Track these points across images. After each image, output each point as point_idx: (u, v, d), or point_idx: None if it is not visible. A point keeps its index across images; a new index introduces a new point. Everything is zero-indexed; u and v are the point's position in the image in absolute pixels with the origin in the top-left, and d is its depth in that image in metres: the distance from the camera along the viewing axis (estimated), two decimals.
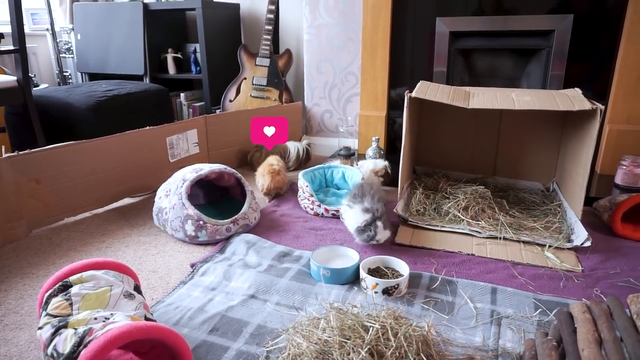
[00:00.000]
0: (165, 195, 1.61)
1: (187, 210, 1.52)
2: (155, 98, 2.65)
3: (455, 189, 1.80)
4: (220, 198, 1.87)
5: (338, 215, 1.72)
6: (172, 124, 2.04)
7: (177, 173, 1.66)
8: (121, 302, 0.94)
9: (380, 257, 1.30)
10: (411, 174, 2.03)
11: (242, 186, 1.70)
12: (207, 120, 2.20)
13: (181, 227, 1.52)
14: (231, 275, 1.29)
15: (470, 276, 1.30)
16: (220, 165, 1.67)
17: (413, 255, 1.42)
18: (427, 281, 1.26)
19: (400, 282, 1.19)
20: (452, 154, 2.05)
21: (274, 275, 1.28)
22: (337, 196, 1.93)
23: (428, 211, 1.68)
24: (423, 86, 1.75)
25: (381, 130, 2.45)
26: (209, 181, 1.74)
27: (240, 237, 1.52)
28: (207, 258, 1.40)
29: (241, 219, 1.57)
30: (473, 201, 1.67)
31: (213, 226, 1.51)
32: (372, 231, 1.35)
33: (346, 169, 1.96)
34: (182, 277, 1.33)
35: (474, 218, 1.60)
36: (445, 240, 1.51)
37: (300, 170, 1.90)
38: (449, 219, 1.61)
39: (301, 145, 2.33)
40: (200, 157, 2.16)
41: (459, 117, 1.99)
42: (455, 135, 2.04)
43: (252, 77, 2.86)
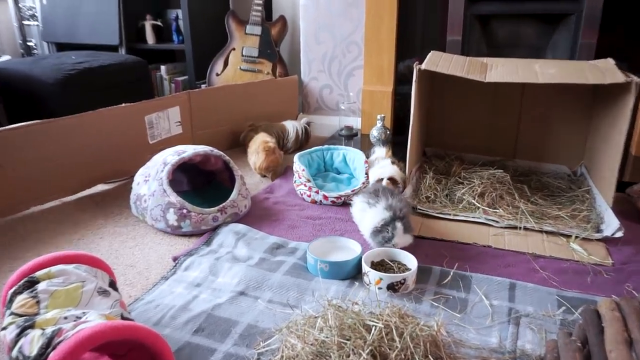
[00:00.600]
0: (144, 180, 1.60)
1: (169, 198, 1.52)
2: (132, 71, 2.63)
3: (470, 173, 1.80)
4: (206, 184, 1.87)
5: (338, 203, 1.72)
6: (152, 100, 2.03)
7: (157, 156, 1.66)
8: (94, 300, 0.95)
9: (385, 249, 1.30)
10: (421, 156, 2.02)
11: (230, 170, 1.70)
12: (191, 96, 2.19)
13: (162, 217, 1.52)
14: (218, 270, 1.29)
15: (486, 270, 1.30)
16: (205, 147, 1.67)
17: (422, 247, 1.42)
18: (437, 276, 1.27)
19: (407, 277, 1.19)
20: (467, 134, 2.04)
21: (266, 270, 1.28)
22: (337, 182, 1.93)
23: (439, 198, 1.68)
24: (435, 57, 1.73)
25: (387, 108, 2.44)
26: (194, 165, 1.73)
27: (228, 227, 1.52)
28: (191, 251, 1.40)
29: (229, 207, 1.57)
30: (490, 187, 1.67)
31: (198, 215, 1.51)
32: (389, 232, 1.29)
33: (348, 150, 1.95)
34: (163, 271, 1.33)
35: (490, 206, 1.60)
36: (458, 230, 1.51)
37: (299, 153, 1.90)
38: (462, 207, 1.61)
39: (300, 125, 2.33)
40: (184, 138, 2.16)
41: (475, 92, 1.98)
42: (470, 112, 2.03)
43: (241, 48, 2.84)
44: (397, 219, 1.30)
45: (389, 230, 1.30)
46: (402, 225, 1.29)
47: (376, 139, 2.25)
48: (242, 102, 2.39)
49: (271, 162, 2.01)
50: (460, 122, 2.05)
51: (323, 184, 1.89)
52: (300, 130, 2.30)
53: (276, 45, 2.80)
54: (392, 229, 1.30)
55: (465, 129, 2.05)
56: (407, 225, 1.31)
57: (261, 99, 2.46)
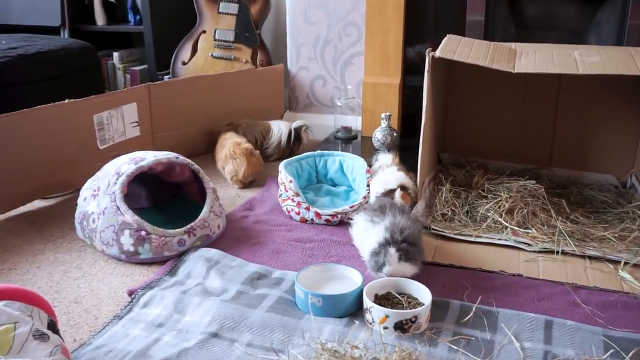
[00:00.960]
0: (92, 195, 1.60)
1: (124, 217, 1.51)
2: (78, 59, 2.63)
3: (496, 185, 1.80)
4: (169, 199, 1.86)
5: (334, 222, 1.72)
6: (102, 95, 2.02)
7: (109, 165, 1.65)
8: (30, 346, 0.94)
9: (393, 279, 1.30)
10: (435, 164, 2.02)
11: (200, 182, 1.70)
12: (151, 90, 2.18)
13: (115, 240, 1.51)
14: (185, 306, 1.29)
15: (516, 305, 1.30)
16: (169, 154, 1.66)
17: (437, 276, 1.41)
18: (456, 312, 1.27)
19: (420, 314, 1.19)
20: (492, 136, 2.05)
21: (244, 306, 1.28)
22: (332, 195, 1.93)
23: (458, 215, 1.68)
24: (452, 42, 1.75)
25: (394, 104, 2.45)
26: (154, 176, 1.73)
27: (198, 253, 1.52)
28: (151, 282, 1.40)
29: (199, 227, 1.57)
30: (520, 201, 1.67)
31: (160, 238, 1.51)
32: (381, 258, 1.30)
33: (345, 157, 1.96)
34: (116, 309, 1.32)
35: (521, 225, 1.60)
36: (481, 255, 1.51)
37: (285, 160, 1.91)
38: (486, 227, 1.62)
39: (287, 127, 2.32)
40: (142, 143, 2.15)
41: (501, 85, 1.99)
42: (495, 110, 2.04)
43: (213, 30, 2.85)
44: (392, 243, 1.29)
45: (382, 256, 1.30)
46: (396, 252, 1.28)
47: (380, 142, 2.25)
48: (215, 97, 2.39)
49: (255, 168, 2.02)
50: (484, 122, 2.05)
51: (315, 198, 1.89)
52: (287, 134, 2.31)
53: (256, 27, 2.81)
54: (384, 255, 1.30)
55: (489, 130, 2.05)
56: (409, 252, 1.30)
57: (238, 94, 2.46)
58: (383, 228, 1.33)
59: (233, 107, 2.43)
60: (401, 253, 1.29)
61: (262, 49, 2.83)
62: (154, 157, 1.62)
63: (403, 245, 1.30)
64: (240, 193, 2.03)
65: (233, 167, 2.00)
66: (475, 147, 2.06)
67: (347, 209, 1.72)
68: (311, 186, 1.98)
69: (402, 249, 1.29)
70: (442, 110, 2.06)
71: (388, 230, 1.32)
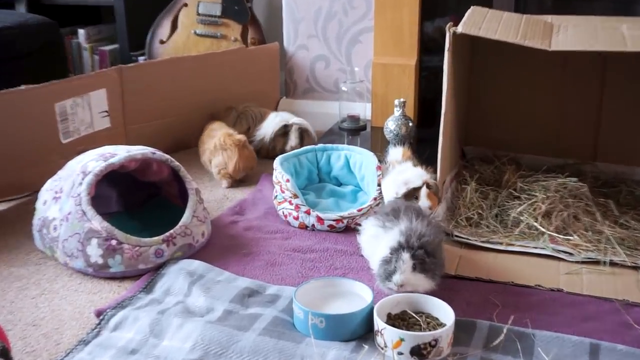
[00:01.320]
0: (53, 199, 1.59)
1: (91, 223, 1.51)
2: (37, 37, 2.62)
3: (531, 184, 1.79)
4: (145, 202, 1.86)
5: (339, 228, 1.71)
6: (65, 80, 2.03)
7: (74, 162, 1.65)
8: None
9: (408, 295, 1.30)
10: (458, 159, 2.02)
11: (181, 182, 1.69)
12: (123, 73, 2.18)
13: (80, 251, 1.51)
14: (163, 329, 1.28)
15: (556, 326, 1.29)
16: (144, 149, 1.65)
17: (461, 291, 1.41)
18: (484, 334, 1.26)
19: (441, 337, 1.18)
20: (525, 126, 2.04)
21: (233, 328, 1.27)
22: (337, 197, 1.92)
23: (486, 220, 1.67)
24: (477, 15, 1.74)
25: (409, 89, 2.44)
26: (127, 174, 1.72)
27: (178, 265, 1.52)
28: (123, 301, 1.39)
29: (180, 235, 1.57)
30: (560, 203, 1.66)
31: (133, 248, 1.51)
32: (392, 264, 1.29)
33: (352, 151, 1.95)
34: (81, 332, 1.32)
35: (561, 231, 1.60)
36: (513, 267, 1.50)
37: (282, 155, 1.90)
38: (520, 233, 1.61)
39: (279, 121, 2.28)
40: (113, 136, 2.14)
41: (535, 65, 1.98)
42: (529, 95, 2.03)
43: (196, 3, 2.84)
44: (406, 248, 1.29)
45: (393, 263, 1.29)
46: (410, 259, 1.28)
47: (393, 134, 2.25)
48: (198, 82, 2.39)
49: (247, 162, 2.03)
50: (515, 110, 2.05)
51: (317, 200, 1.89)
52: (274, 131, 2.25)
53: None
54: (395, 261, 1.29)
55: (521, 119, 2.04)
56: (426, 262, 1.29)
57: (226, 78, 2.46)
58: (397, 232, 1.33)
59: (219, 93, 2.43)
60: (416, 262, 1.28)
61: (253, 25, 2.82)
62: (127, 152, 1.61)
63: (419, 252, 1.29)
64: (229, 194, 2.02)
65: (223, 159, 2.01)
66: (505, 138, 2.05)
67: (355, 213, 1.72)
68: (312, 186, 1.98)
69: (418, 257, 1.28)
70: (466, 96, 2.05)
71: (403, 234, 1.31)
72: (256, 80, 2.56)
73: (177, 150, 2.32)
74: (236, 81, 2.49)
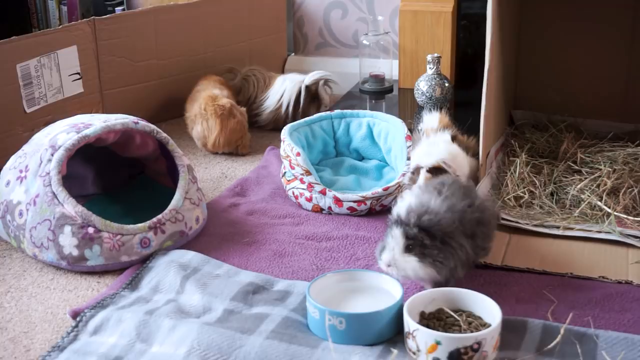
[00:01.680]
0: (17, 179, 1.59)
1: (63, 207, 1.51)
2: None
3: (594, 154, 1.79)
4: (127, 182, 1.86)
5: (361, 211, 1.71)
6: (28, 36, 2.02)
7: (41, 134, 1.64)
8: None
9: (446, 290, 1.30)
10: (505, 126, 2.01)
11: (170, 157, 1.69)
12: (96, 27, 2.17)
13: (52, 241, 1.51)
14: (152, 332, 1.27)
15: (624, 325, 1.29)
16: (125, 117, 1.65)
17: (510, 284, 1.41)
18: (537, 335, 1.25)
19: (485, 339, 1.17)
20: (586, 86, 2.03)
21: (236, 330, 1.26)
22: (358, 173, 1.92)
23: (539, 199, 1.67)
24: None
25: (445, 41, 2.43)
26: (105, 149, 1.72)
27: (168, 257, 1.52)
28: (104, 299, 1.39)
29: (170, 221, 1.57)
30: (629, 177, 1.66)
31: (115, 237, 1.51)
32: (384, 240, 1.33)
33: (376, 118, 1.94)
34: (55, 337, 1.32)
35: (630, 211, 1.59)
36: (573, 255, 1.50)
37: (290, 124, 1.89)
38: (580, 214, 1.60)
39: (293, 85, 2.27)
40: (87, 102, 2.15)
41: (598, 11, 1.97)
42: (591, 49, 2.01)
43: None
44: (401, 223, 1.30)
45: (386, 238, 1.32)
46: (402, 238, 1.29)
47: (426, 97, 2.23)
48: (188, 36, 2.39)
49: (232, 135, 2.01)
50: (574, 67, 2.03)
51: (334, 178, 1.88)
52: (294, 98, 2.26)
53: None
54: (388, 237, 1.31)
55: (582, 77, 2.03)
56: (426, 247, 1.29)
57: (222, 31, 2.45)
58: (404, 205, 1.33)
59: (214, 50, 2.43)
60: (411, 243, 1.29)
61: None
62: (104, 122, 1.60)
63: (413, 231, 1.29)
64: (228, 172, 2.02)
65: (202, 130, 2.01)
66: (562, 101, 2.04)
67: (380, 192, 1.71)
68: (328, 160, 1.97)
69: (412, 236, 1.28)
70: (515, 50, 2.03)
71: (406, 209, 1.31)
72: (259, 33, 2.56)
73: (164, 119, 2.33)
74: (234, 35, 2.48)
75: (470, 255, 1.34)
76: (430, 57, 2.24)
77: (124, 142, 1.68)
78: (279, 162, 1.91)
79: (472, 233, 1.34)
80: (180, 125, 2.25)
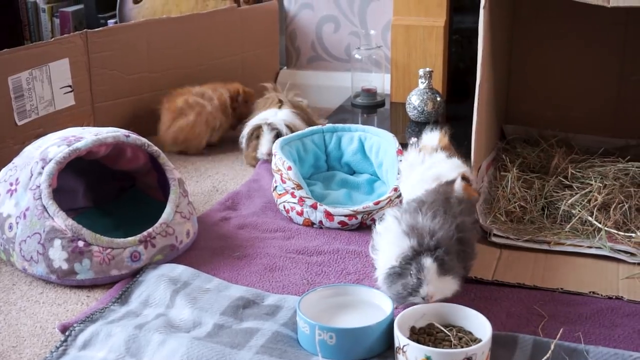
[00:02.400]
0: (7, 192, 1.59)
1: (53, 221, 1.51)
2: None
3: (585, 170, 1.79)
4: (117, 195, 1.86)
5: (352, 226, 1.71)
6: (20, 48, 2.02)
7: (32, 147, 1.65)
8: None
9: (435, 305, 1.30)
10: (496, 140, 2.01)
11: (160, 171, 1.69)
12: (89, 40, 2.18)
13: (41, 255, 1.51)
14: (141, 347, 1.27)
15: (614, 340, 1.29)
16: (116, 131, 1.65)
17: (500, 299, 1.42)
18: (527, 351, 1.26)
19: (475, 354, 1.17)
20: (578, 100, 2.03)
21: (226, 345, 1.26)
22: (349, 187, 1.92)
23: (530, 214, 1.68)
24: None
25: (437, 56, 2.44)
26: (96, 162, 1.73)
27: (159, 271, 1.52)
28: (93, 314, 1.39)
29: (161, 235, 1.57)
30: (620, 192, 1.66)
31: (105, 251, 1.51)
32: (413, 277, 1.27)
33: (367, 133, 1.95)
34: (44, 351, 1.32)
35: (621, 226, 1.60)
36: (563, 270, 1.51)
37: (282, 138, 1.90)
38: (571, 229, 1.61)
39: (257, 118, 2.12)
40: (78, 115, 2.15)
41: (591, 27, 1.97)
42: (583, 64, 2.02)
43: None
44: (425, 251, 1.27)
45: (413, 274, 1.27)
46: (434, 264, 1.26)
47: (418, 111, 2.25)
48: (180, 50, 2.39)
49: (179, 132, 2.05)
50: (565, 81, 2.04)
51: (325, 192, 1.88)
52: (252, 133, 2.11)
53: None
54: (415, 271, 1.27)
55: (573, 92, 2.04)
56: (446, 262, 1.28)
57: (214, 45, 2.46)
58: (401, 235, 1.30)
59: (206, 63, 2.43)
60: (437, 264, 1.27)
61: None
62: (95, 135, 1.61)
63: (439, 252, 1.28)
64: (219, 186, 2.02)
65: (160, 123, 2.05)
66: (553, 116, 2.05)
67: (371, 207, 1.72)
68: (319, 175, 1.98)
69: (439, 257, 1.27)
70: (506, 65, 2.04)
71: (411, 236, 1.29)
72: (251, 47, 2.56)
73: (155, 132, 2.32)
74: (226, 48, 2.49)
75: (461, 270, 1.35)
76: (422, 72, 2.25)
77: (115, 155, 1.69)
78: (270, 176, 1.91)
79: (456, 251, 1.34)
80: None
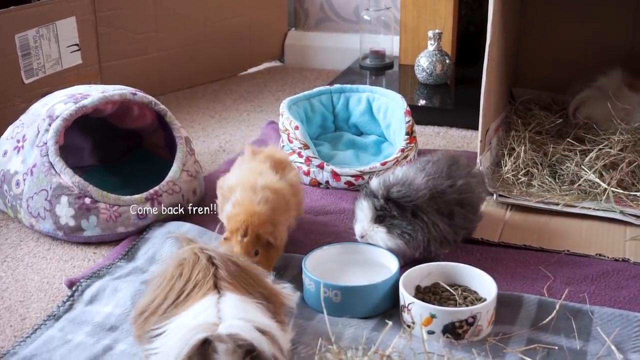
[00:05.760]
0: (14, 149, 1.60)
1: (60, 177, 1.51)
2: None
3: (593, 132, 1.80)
4: (124, 154, 1.86)
5: (357, 186, 1.72)
6: (26, 6, 2.01)
7: (39, 105, 1.65)
8: None
9: (442, 264, 1.30)
10: (505, 102, 2.01)
11: (167, 129, 1.69)
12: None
13: (48, 211, 1.52)
14: None
15: (620, 302, 1.29)
16: (123, 88, 1.65)
17: (506, 260, 1.42)
18: (532, 311, 1.26)
19: (480, 313, 1.18)
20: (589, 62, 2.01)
21: None
22: (357, 148, 1.92)
23: (537, 175, 1.68)
24: None
25: (446, 17, 2.42)
26: (103, 120, 1.73)
27: (165, 228, 1.52)
28: (100, 269, 1.40)
29: (167, 193, 1.57)
30: (628, 153, 1.66)
31: (111, 208, 1.51)
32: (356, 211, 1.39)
33: (375, 94, 1.94)
34: (51, 306, 1.33)
35: (629, 187, 1.59)
36: (570, 231, 1.50)
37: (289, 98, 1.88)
38: (578, 191, 1.61)
39: None
40: (85, 74, 2.14)
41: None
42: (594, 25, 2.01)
43: None
44: (369, 195, 1.35)
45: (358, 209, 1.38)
46: (370, 210, 1.34)
47: (427, 73, 2.24)
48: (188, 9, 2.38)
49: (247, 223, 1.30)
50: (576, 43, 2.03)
51: (332, 152, 1.89)
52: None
53: None
54: (359, 209, 1.37)
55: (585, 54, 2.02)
56: (394, 218, 1.32)
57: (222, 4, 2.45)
58: (380, 178, 1.38)
59: (213, 23, 2.42)
60: (380, 214, 1.33)
61: None
62: (102, 93, 1.61)
63: (380, 203, 1.33)
64: (225, 145, 2.03)
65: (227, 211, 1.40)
66: (564, 78, 2.03)
67: (378, 167, 1.72)
68: (327, 135, 1.98)
69: (381, 208, 1.33)
70: (517, 26, 2.03)
71: (377, 182, 1.36)
72: (259, 7, 2.54)
73: (162, 92, 2.32)
74: (234, 9, 2.47)
75: (448, 233, 1.37)
76: (432, 33, 2.24)
77: (121, 113, 1.69)
78: (277, 136, 1.92)
79: (450, 212, 1.37)
80: (178, 98, 2.25)
